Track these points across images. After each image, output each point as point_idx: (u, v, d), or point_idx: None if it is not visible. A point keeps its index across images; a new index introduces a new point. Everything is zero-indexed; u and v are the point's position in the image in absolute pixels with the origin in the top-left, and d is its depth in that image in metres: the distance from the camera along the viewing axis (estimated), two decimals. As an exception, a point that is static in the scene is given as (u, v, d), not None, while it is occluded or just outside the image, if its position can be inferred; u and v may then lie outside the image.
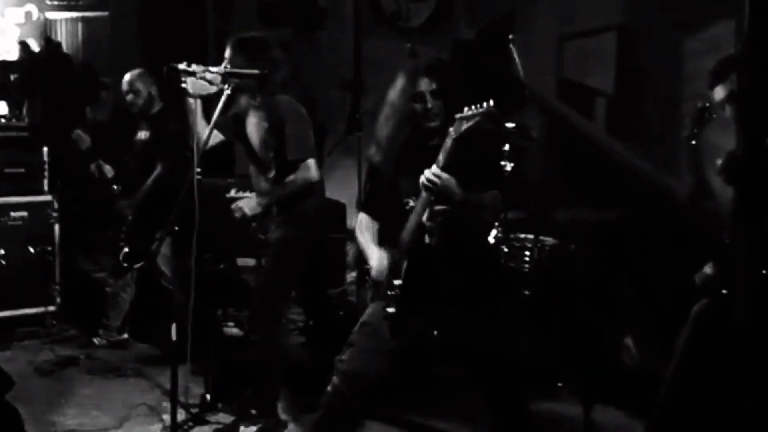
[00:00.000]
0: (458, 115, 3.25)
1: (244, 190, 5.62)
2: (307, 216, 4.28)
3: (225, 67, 4.13)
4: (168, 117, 5.50)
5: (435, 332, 3.69)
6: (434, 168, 3.23)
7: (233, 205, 4.24)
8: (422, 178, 3.25)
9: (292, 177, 4.17)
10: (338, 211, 6.95)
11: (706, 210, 3.60)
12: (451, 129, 3.26)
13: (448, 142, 3.25)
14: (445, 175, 3.22)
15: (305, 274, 4.43)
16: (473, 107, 3.21)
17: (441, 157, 3.25)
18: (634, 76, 6.06)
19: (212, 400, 4.57)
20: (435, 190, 3.24)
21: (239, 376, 4.65)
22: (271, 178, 4.28)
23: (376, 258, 3.51)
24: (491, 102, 3.19)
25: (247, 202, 4.27)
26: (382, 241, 3.57)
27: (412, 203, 3.38)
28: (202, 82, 3.95)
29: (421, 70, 3.46)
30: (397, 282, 3.38)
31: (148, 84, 5.63)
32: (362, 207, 3.77)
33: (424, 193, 3.29)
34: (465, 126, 3.22)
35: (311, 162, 4.17)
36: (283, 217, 4.27)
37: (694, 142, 3.52)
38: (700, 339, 3.50)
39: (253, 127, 4.32)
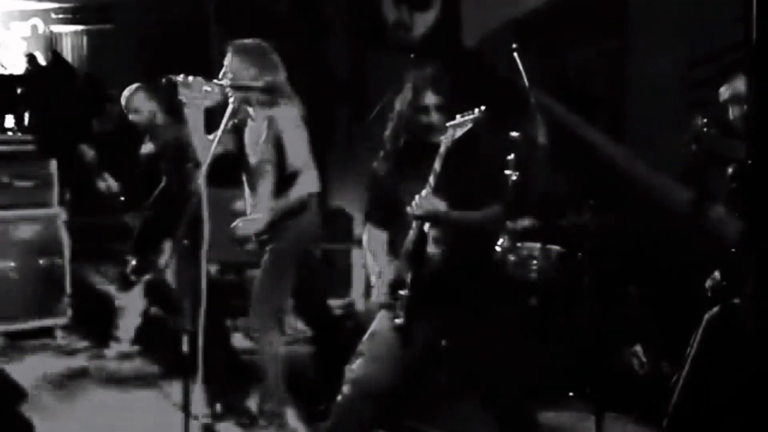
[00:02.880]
0: (449, 123, 3.28)
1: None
2: (301, 226, 4.23)
3: (224, 75, 4.14)
4: (171, 129, 5.47)
5: (443, 341, 3.70)
6: (423, 192, 3.25)
7: (232, 225, 4.18)
8: (409, 209, 3.28)
9: (294, 188, 4.10)
10: (345, 221, 6.98)
11: (709, 217, 3.62)
12: (443, 137, 3.29)
13: (442, 149, 3.27)
14: (431, 199, 3.24)
15: (301, 284, 4.40)
16: (464, 114, 3.25)
17: (436, 165, 3.26)
18: (639, 83, 6.07)
19: (222, 410, 4.59)
20: (423, 216, 3.27)
21: (249, 386, 4.67)
22: (265, 190, 4.22)
23: (376, 276, 3.52)
24: (482, 108, 3.22)
25: (248, 221, 4.22)
26: (390, 249, 3.58)
27: None
28: (200, 93, 3.95)
29: (428, 82, 3.44)
30: (403, 292, 3.38)
31: (147, 99, 5.58)
32: (366, 216, 3.76)
33: None
34: (457, 133, 3.26)
35: (313, 173, 4.15)
36: (277, 227, 4.21)
37: (694, 147, 3.54)
38: (711, 347, 3.51)
39: (249, 138, 4.30)
